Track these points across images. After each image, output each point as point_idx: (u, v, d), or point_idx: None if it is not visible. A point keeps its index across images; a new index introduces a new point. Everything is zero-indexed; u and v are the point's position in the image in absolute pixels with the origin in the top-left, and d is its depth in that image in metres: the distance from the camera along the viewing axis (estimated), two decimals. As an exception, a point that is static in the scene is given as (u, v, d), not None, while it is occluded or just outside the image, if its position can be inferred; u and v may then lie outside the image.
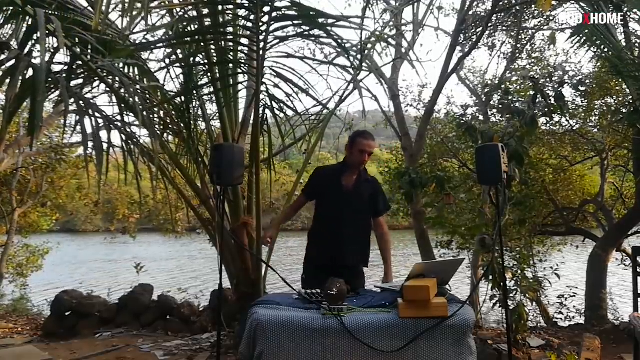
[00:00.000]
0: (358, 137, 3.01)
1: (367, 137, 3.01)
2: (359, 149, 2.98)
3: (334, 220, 2.99)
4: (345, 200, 3.00)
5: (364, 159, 3.00)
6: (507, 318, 2.96)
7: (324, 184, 3.06)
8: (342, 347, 2.16)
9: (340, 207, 2.99)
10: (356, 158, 3.00)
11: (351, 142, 3.04)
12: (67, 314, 5.43)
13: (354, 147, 3.00)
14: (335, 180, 3.04)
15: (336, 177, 3.05)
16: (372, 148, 3.01)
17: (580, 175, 9.01)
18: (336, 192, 3.01)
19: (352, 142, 3.03)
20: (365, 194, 3.06)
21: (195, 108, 4.17)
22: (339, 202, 3.00)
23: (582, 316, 6.56)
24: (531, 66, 8.09)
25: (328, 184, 3.04)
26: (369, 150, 2.98)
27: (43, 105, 2.69)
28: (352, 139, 3.05)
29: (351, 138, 3.06)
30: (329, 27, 3.22)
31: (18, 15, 2.96)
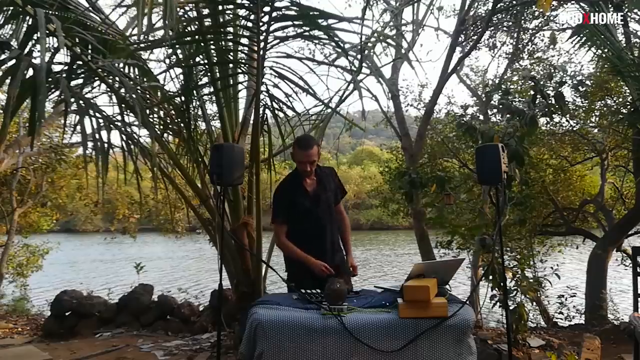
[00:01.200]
0: (295, 147, 2.82)
1: (302, 147, 2.78)
2: (297, 160, 2.81)
3: (315, 230, 2.83)
4: (315, 204, 2.85)
5: (305, 169, 2.80)
6: (507, 318, 2.96)
7: (290, 200, 2.84)
8: (342, 347, 2.16)
9: (316, 214, 2.84)
10: (299, 168, 2.83)
11: (292, 150, 2.86)
12: (67, 314, 5.43)
13: (294, 157, 2.83)
14: (299, 190, 2.85)
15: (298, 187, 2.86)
16: (311, 157, 2.77)
17: (581, 176, 9.01)
18: (308, 203, 2.83)
19: (292, 151, 2.85)
20: (328, 187, 2.92)
21: (195, 108, 4.17)
22: (315, 211, 2.84)
23: (582, 316, 6.56)
24: (532, 66, 8.09)
25: (293, 197, 2.84)
26: (304, 160, 2.77)
27: (44, 105, 2.69)
28: (292, 148, 2.86)
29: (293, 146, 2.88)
30: (328, 27, 3.22)
31: (18, 15, 2.96)
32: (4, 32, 3.04)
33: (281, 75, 3.58)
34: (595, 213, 8.75)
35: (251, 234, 3.95)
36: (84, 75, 3.51)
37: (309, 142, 2.82)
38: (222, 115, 4.11)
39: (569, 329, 5.27)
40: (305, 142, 2.82)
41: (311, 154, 2.77)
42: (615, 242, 6.95)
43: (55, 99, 3.52)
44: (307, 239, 2.81)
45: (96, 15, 3.49)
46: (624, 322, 4.93)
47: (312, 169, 2.82)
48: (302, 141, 2.84)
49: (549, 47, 8.02)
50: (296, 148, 2.81)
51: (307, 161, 2.77)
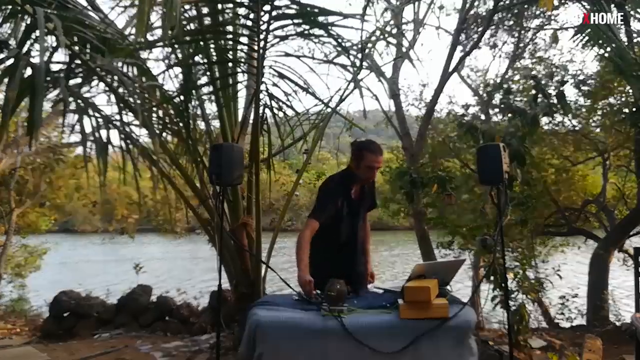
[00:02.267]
0: (366, 152, 2.68)
1: (375, 151, 2.68)
2: (367, 165, 2.68)
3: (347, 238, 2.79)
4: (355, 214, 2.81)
5: (372, 176, 2.74)
6: (508, 319, 2.94)
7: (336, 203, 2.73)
8: (342, 349, 2.14)
9: (352, 222, 2.80)
10: (364, 174, 2.71)
11: (358, 155, 2.71)
12: (66, 315, 5.42)
13: (362, 162, 2.69)
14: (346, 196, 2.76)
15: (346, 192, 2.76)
16: (381, 163, 2.74)
17: (583, 175, 8.98)
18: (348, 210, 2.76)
19: (359, 156, 2.70)
20: (367, 198, 2.90)
21: (195, 107, 4.14)
22: (351, 220, 2.79)
23: (584, 317, 6.53)
24: (533, 65, 8.06)
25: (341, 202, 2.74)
26: (377, 166, 2.70)
27: (42, 104, 2.68)
28: (358, 152, 2.71)
29: (357, 150, 2.73)
30: (329, 25, 3.20)
31: (17, 14, 2.94)
32: (3, 31, 3.02)
33: (281, 75, 3.56)
34: (597, 213, 8.72)
35: (250, 234, 3.92)
36: (83, 74, 3.49)
37: (379, 147, 2.73)
38: (222, 114, 4.09)
39: (571, 330, 5.26)
40: (375, 146, 2.71)
41: (381, 159, 2.73)
42: (617, 243, 6.92)
43: (53, 99, 3.49)
44: (339, 245, 2.78)
45: (95, 14, 3.47)
46: (625, 323, 4.91)
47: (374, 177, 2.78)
48: (375, 145, 2.71)
49: (551, 46, 8.01)
50: (366, 152, 2.67)
51: (377, 167, 2.71)
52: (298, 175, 4.64)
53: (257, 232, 3.78)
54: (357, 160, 2.72)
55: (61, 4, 3.10)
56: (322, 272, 2.56)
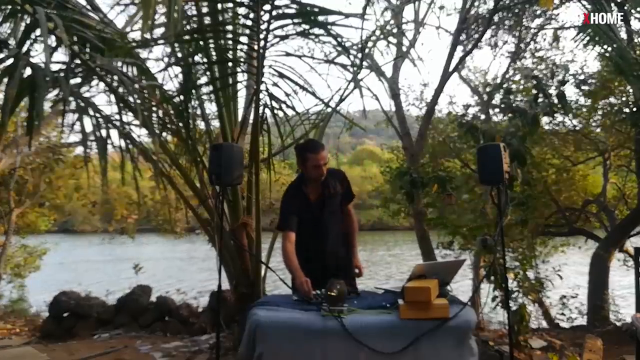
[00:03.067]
0: (307, 153, 2.73)
1: (315, 150, 2.72)
2: (312, 165, 2.71)
3: (318, 235, 2.80)
4: (316, 213, 2.81)
5: (320, 173, 2.73)
6: (508, 319, 2.93)
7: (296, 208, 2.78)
8: (342, 349, 2.14)
9: (316, 222, 2.80)
10: (312, 174, 2.75)
11: (302, 158, 2.76)
12: (65, 315, 5.41)
13: (307, 163, 2.73)
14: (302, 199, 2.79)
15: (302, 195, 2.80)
16: (325, 159, 2.74)
17: (583, 175, 8.97)
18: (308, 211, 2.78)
19: (303, 158, 2.75)
20: (335, 192, 2.85)
21: (194, 107, 4.14)
22: (313, 220, 2.79)
23: (584, 317, 6.53)
24: (534, 65, 8.05)
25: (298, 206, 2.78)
26: (322, 162, 2.71)
27: (43, 103, 2.67)
28: (301, 155, 2.77)
29: (299, 153, 2.78)
30: (329, 24, 3.20)
31: (16, 13, 2.93)
32: (2, 31, 3.01)
33: (281, 74, 3.55)
34: (597, 213, 8.72)
35: (250, 234, 3.92)
36: (82, 74, 3.48)
37: (319, 144, 2.77)
38: (222, 114, 4.08)
39: (571, 330, 5.25)
40: (314, 145, 2.77)
41: (324, 155, 2.73)
42: (617, 243, 6.91)
43: (53, 98, 3.48)
44: (310, 242, 2.77)
45: (94, 13, 3.46)
46: (626, 323, 4.90)
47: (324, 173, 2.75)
48: (312, 144, 2.78)
49: (551, 46, 7.99)
50: (307, 153, 2.72)
51: (322, 164, 2.71)
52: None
53: (257, 232, 3.77)
54: (302, 163, 2.77)
55: (60, 4, 3.10)
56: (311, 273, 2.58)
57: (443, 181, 4.48)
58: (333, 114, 4.46)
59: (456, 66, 7.21)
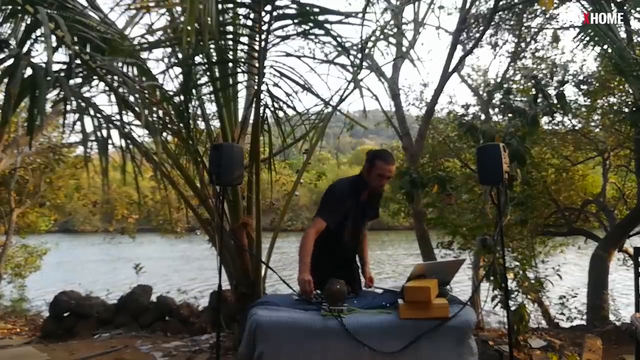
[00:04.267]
0: (377, 160, 2.72)
1: (387, 160, 2.73)
2: (378, 173, 2.71)
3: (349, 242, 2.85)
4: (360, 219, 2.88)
5: (382, 184, 2.77)
6: (508, 319, 2.93)
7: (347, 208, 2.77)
8: (342, 348, 2.14)
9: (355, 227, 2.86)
10: (374, 182, 2.75)
11: (370, 163, 2.75)
12: (66, 315, 5.41)
13: (373, 170, 2.73)
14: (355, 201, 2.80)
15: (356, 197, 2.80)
16: (392, 172, 2.77)
17: (582, 175, 8.99)
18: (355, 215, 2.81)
19: (371, 164, 2.74)
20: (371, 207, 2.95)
21: (195, 107, 4.14)
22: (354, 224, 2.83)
23: (584, 317, 6.54)
24: (534, 65, 8.06)
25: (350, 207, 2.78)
26: (388, 175, 2.73)
27: (45, 103, 2.68)
28: (371, 160, 2.76)
29: (370, 158, 2.77)
30: (329, 24, 3.20)
31: (17, 13, 2.94)
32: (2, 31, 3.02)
33: (282, 74, 3.56)
34: (597, 213, 8.73)
35: (251, 234, 3.92)
36: (83, 74, 3.48)
37: (392, 157, 2.78)
38: (222, 114, 4.08)
39: (571, 330, 5.26)
40: (390, 156, 2.78)
41: (392, 169, 2.75)
42: (617, 243, 6.92)
43: (53, 99, 3.49)
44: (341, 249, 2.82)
45: (95, 14, 3.47)
46: (625, 323, 4.91)
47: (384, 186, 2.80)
48: (388, 155, 2.78)
49: (551, 46, 8.00)
50: (378, 161, 2.71)
51: (389, 176, 2.74)
52: (298, 175, 4.64)
53: (257, 232, 3.78)
54: (369, 167, 2.76)
55: (61, 4, 3.10)
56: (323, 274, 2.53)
57: (443, 181, 4.48)
58: (333, 114, 4.46)
59: (456, 66, 7.21)
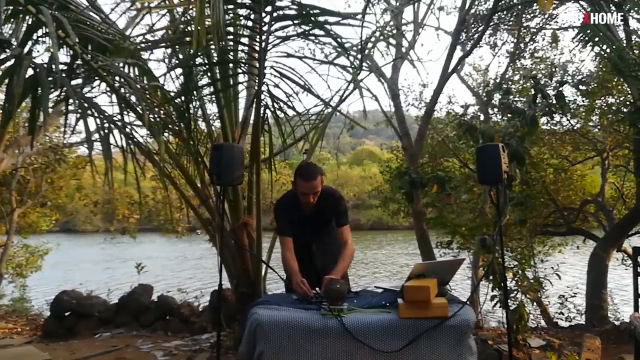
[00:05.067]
0: (297, 177, 2.61)
1: (304, 177, 2.58)
2: (300, 191, 2.62)
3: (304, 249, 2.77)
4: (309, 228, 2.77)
5: (307, 201, 2.61)
6: (507, 318, 2.95)
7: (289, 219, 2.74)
8: (342, 348, 2.15)
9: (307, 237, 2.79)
10: (301, 199, 2.64)
11: (294, 179, 2.67)
12: (67, 315, 5.42)
13: (296, 188, 2.64)
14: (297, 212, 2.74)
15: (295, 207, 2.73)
16: (315, 189, 2.58)
17: (581, 175, 9.01)
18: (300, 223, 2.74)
19: (294, 180, 2.66)
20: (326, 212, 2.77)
21: (196, 108, 4.16)
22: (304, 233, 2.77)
23: (583, 316, 6.56)
24: (534, 65, 8.07)
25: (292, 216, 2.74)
26: (307, 191, 2.58)
27: (47, 102, 2.70)
28: (294, 176, 2.66)
29: (294, 174, 2.67)
30: (329, 25, 3.22)
31: (18, 14, 2.95)
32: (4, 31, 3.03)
33: (282, 75, 3.57)
34: (595, 213, 8.75)
35: (251, 234, 3.94)
36: (84, 74, 3.50)
37: (312, 172, 2.60)
38: (222, 115, 4.10)
39: (570, 329, 5.27)
40: (307, 172, 2.60)
41: (315, 184, 2.58)
42: (615, 242, 6.94)
43: (55, 99, 3.50)
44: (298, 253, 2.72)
45: (96, 14, 3.48)
46: (624, 323, 4.92)
47: (315, 200, 2.62)
48: (305, 171, 2.62)
49: (551, 46, 8.02)
50: (298, 178, 2.61)
51: (310, 192, 2.59)
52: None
53: (257, 232, 3.79)
54: (293, 184, 2.70)
55: (62, 4, 3.12)
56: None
57: (442, 181, 4.49)
58: (333, 114, 4.48)
59: (455, 67, 7.23)
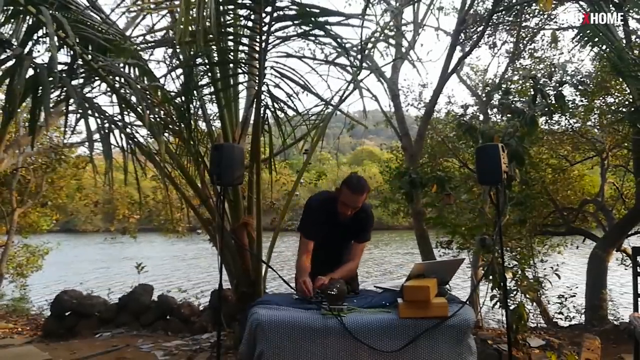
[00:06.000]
0: (344, 187, 2.61)
1: (353, 189, 2.58)
2: (342, 200, 2.62)
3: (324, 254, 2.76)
4: (335, 236, 2.77)
5: (344, 212, 2.62)
6: (507, 318, 2.96)
7: (321, 221, 2.73)
8: (342, 347, 2.16)
9: (334, 242, 2.79)
10: (339, 207, 2.65)
11: (340, 188, 2.66)
12: (67, 314, 5.43)
13: (340, 195, 2.64)
14: (331, 215, 2.72)
15: (332, 211, 2.71)
16: (358, 203, 2.60)
17: (580, 175, 9.01)
18: (332, 229, 2.73)
19: (340, 189, 2.65)
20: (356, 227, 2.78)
21: (196, 108, 4.16)
22: (334, 238, 2.77)
23: (582, 316, 6.56)
24: (533, 65, 8.08)
25: (325, 220, 2.72)
26: (351, 204, 2.59)
27: (49, 102, 2.70)
28: (341, 185, 2.66)
29: (342, 183, 2.68)
30: (329, 25, 3.22)
31: (18, 14, 2.95)
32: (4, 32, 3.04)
33: (282, 75, 3.58)
34: (595, 213, 8.75)
35: (251, 234, 3.94)
36: (85, 74, 3.51)
37: (361, 187, 2.61)
38: (223, 115, 4.10)
39: (569, 329, 5.28)
40: (356, 185, 2.60)
41: (360, 199, 2.60)
42: (615, 242, 6.94)
43: (55, 99, 3.51)
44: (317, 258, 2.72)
45: (96, 14, 3.49)
46: (624, 322, 4.93)
47: (352, 213, 2.64)
48: (355, 184, 2.61)
49: (550, 46, 8.02)
50: (345, 189, 2.60)
51: (352, 206, 2.61)
52: (298, 175, 4.66)
53: (257, 232, 3.80)
54: (338, 192, 2.68)
55: (62, 4, 3.12)
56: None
57: (442, 181, 4.49)
58: (333, 114, 4.48)
59: (455, 67, 7.24)
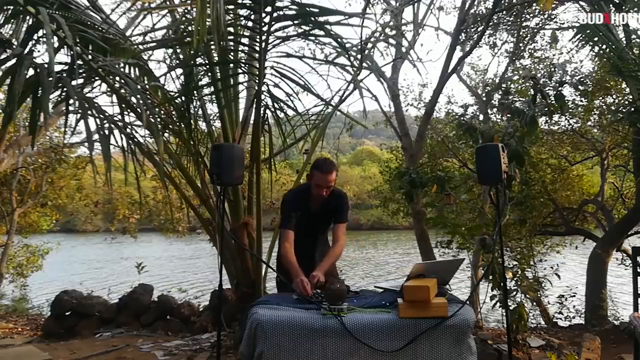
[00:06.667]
0: (314, 170, 2.75)
1: (323, 169, 2.72)
2: (315, 183, 2.74)
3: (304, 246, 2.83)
4: (313, 223, 2.88)
5: (320, 193, 2.75)
6: (507, 318, 2.96)
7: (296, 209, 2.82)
8: (342, 347, 2.16)
9: (310, 231, 2.88)
10: (314, 190, 2.77)
11: (310, 173, 2.80)
12: (67, 314, 5.43)
13: (312, 180, 2.76)
14: (304, 206, 2.84)
15: (305, 203, 2.84)
16: (330, 182, 2.73)
17: (579, 175, 9.02)
18: (305, 217, 2.82)
19: (310, 174, 2.79)
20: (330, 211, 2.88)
21: (196, 108, 4.16)
22: (308, 227, 2.86)
23: (582, 316, 6.56)
24: (533, 65, 8.08)
25: (297, 209, 2.82)
26: (324, 184, 2.72)
27: (49, 102, 2.70)
28: (311, 170, 2.79)
29: (311, 168, 2.80)
30: (329, 25, 3.23)
31: (19, 14, 2.96)
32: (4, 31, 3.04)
33: (282, 75, 3.58)
34: (595, 213, 8.75)
35: (251, 234, 3.95)
36: (85, 74, 3.51)
37: (330, 166, 2.75)
38: (223, 115, 4.11)
39: (569, 329, 5.28)
40: (326, 165, 2.75)
41: (331, 178, 2.72)
42: (615, 242, 6.95)
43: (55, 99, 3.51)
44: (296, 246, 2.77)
45: (97, 14, 3.49)
46: (624, 322, 4.93)
47: (328, 193, 2.76)
48: (323, 164, 2.76)
49: (550, 46, 8.03)
50: (316, 171, 2.74)
51: (325, 185, 2.73)
52: (298, 175, 4.66)
53: (257, 232, 3.80)
54: (309, 177, 2.81)
55: (62, 4, 3.13)
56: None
57: (442, 181, 4.50)
58: (333, 114, 4.49)
59: (455, 67, 7.24)
